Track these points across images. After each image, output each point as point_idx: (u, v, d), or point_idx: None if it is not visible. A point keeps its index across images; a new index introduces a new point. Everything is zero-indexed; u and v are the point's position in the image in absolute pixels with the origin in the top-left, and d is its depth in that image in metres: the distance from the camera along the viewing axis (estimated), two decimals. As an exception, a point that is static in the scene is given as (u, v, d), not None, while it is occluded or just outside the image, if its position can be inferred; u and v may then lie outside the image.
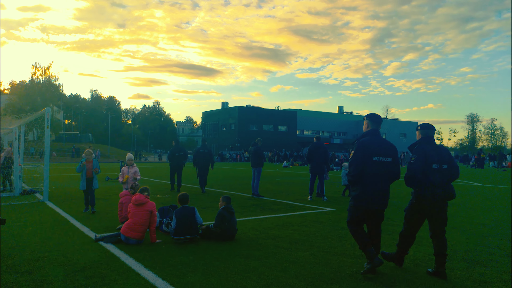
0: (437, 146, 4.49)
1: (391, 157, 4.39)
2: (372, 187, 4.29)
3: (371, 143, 4.37)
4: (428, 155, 4.31)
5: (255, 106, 75.55)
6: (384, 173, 4.35)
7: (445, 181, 4.39)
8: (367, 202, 4.31)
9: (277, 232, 6.55)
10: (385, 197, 4.41)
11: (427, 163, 4.28)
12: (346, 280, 4.14)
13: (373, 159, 4.29)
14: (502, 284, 4.04)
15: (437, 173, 4.29)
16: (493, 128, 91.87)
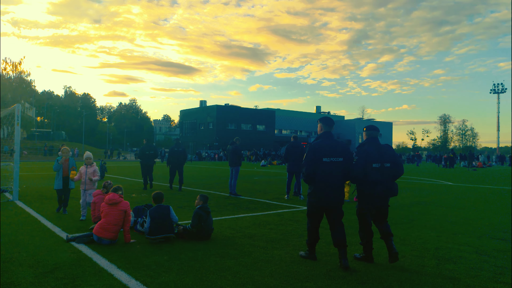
0: (380, 146, 4.83)
1: (342, 157, 4.67)
2: (324, 185, 4.60)
3: (322, 145, 4.68)
4: (369, 155, 4.69)
5: (234, 105, 75.41)
6: (335, 172, 4.62)
7: (386, 179, 4.73)
8: (319, 199, 4.64)
9: (254, 231, 6.55)
10: (337, 195, 4.68)
11: (367, 163, 4.65)
12: (320, 278, 4.18)
13: (323, 160, 4.60)
14: (470, 280, 4.17)
15: (377, 172, 4.66)
16: (464, 129, 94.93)
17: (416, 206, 9.98)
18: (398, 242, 5.85)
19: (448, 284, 4.03)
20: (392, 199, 11.32)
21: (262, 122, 73.95)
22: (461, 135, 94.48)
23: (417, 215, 8.51)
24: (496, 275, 4.34)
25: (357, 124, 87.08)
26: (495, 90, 72.10)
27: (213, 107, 70.71)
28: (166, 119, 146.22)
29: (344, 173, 4.69)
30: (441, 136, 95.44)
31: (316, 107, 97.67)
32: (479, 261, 4.92)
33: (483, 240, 6.12)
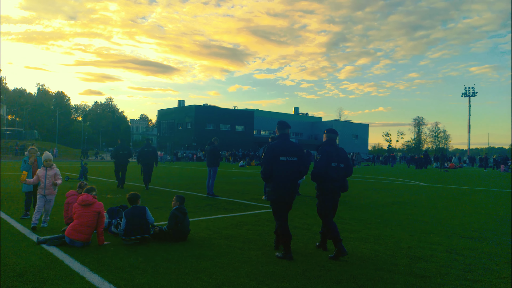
0: (337, 148, 5.35)
1: (296, 157, 5.08)
2: (281, 182, 4.99)
3: (278, 146, 5.08)
4: (330, 155, 5.19)
5: (213, 105, 75.07)
6: (290, 170, 5.03)
7: (341, 177, 5.26)
8: (279, 195, 5.02)
9: (231, 231, 6.53)
10: (292, 191, 5.09)
11: (328, 162, 5.15)
12: (296, 277, 4.21)
13: (280, 159, 4.99)
14: (440, 278, 4.29)
15: (335, 170, 5.18)
16: (437, 131, 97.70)
17: (390, 206, 10.20)
18: (372, 242, 5.96)
19: (420, 282, 4.13)
20: (367, 200, 11.51)
21: (241, 123, 73.89)
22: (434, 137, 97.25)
23: (391, 214, 8.70)
24: (465, 273, 4.49)
25: (334, 125, 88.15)
26: (467, 94, 74.57)
27: (192, 107, 70.16)
28: (144, 118, 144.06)
29: (298, 171, 5.10)
30: (415, 137, 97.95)
31: (294, 108, 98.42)
32: (449, 259, 5.07)
33: (453, 239, 6.31)
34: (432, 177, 24.06)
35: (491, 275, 4.43)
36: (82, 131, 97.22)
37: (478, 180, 21.94)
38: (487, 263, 4.93)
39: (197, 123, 67.98)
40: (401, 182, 19.61)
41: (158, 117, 79.81)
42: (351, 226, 7.21)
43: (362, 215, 8.52)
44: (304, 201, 10.78)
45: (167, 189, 13.44)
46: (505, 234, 6.73)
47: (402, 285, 4.04)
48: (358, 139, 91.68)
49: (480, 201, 11.84)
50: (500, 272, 4.56)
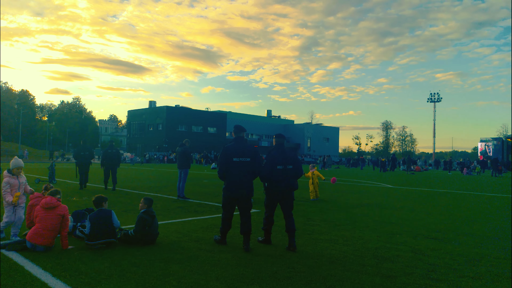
0: (284, 151, 5.82)
1: (249, 157, 5.60)
2: (235, 181, 5.52)
3: (233, 147, 5.61)
4: (275, 158, 5.68)
5: (185, 107, 74.33)
6: (244, 170, 5.55)
7: (289, 178, 5.72)
8: (232, 192, 5.56)
9: (201, 234, 6.46)
10: (246, 188, 5.58)
11: (273, 165, 5.63)
12: (266, 280, 4.21)
13: (233, 160, 5.52)
14: (406, 278, 4.41)
15: (280, 172, 5.65)
16: (404, 134, 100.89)
17: (359, 208, 10.41)
18: (341, 243, 6.05)
19: (386, 282, 4.23)
20: (337, 202, 11.70)
21: (214, 125, 73.53)
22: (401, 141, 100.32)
23: (360, 216, 8.88)
24: (428, 272, 4.63)
25: (306, 128, 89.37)
26: (432, 99, 77.37)
27: (163, 108, 69.16)
28: (113, 119, 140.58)
29: (252, 170, 5.61)
30: (383, 141, 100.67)
31: (267, 111, 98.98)
32: (414, 259, 5.22)
33: (418, 239, 6.51)
34: (399, 180, 24.77)
35: (453, 274, 4.59)
36: (48, 131, 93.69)
37: (442, 183, 22.80)
38: (449, 262, 5.11)
39: (168, 125, 67.06)
40: (369, 184, 20.08)
41: (128, 118, 78.14)
42: (321, 228, 7.30)
43: (332, 217, 8.65)
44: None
45: (136, 192, 13.16)
46: (467, 235, 7.01)
47: (369, 285, 4.12)
48: (329, 142, 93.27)
49: (444, 202, 12.29)
50: (462, 271, 4.74)
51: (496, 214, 9.86)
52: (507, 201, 13.17)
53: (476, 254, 5.59)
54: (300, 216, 8.63)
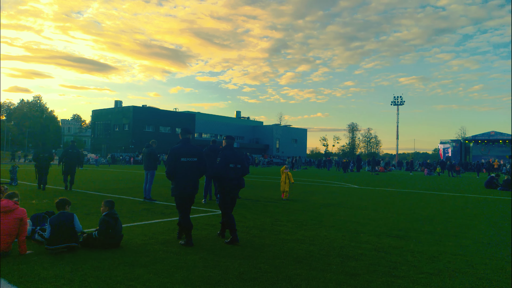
0: (235, 151, 6.31)
1: (196, 157, 5.95)
2: (183, 180, 5.81)
3: (180, 148, 5.91)
4: (227, 158, 6.11)
5: (152, 107, 72.94)
6: (191, 169, 5.87)
7: (239, 176, 6.20)
8: (181, 191, 5.83)
9: (167, 236, 6.37)
10: (193, 187, 5.92)
11: (226, 164, 6.07)
12: (232, 281, 4.21)
13: (181, 160, 5.81)
14: (369, 276, 4.54)
15: (232, 170, 6.11)
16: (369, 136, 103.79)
17: (325, 207, 10.61)
18: (308, 243, 6.15)
19: (350, 280, 4.34)
20: (304, 202, 11.84)
21: (182, 125, 72.54)
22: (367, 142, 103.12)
23: (326, 216, 9.05)
24: (390, 270, 4.79)
25: (275, 129, 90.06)
26: (395, 102, 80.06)
27: (130, 108, 67.58)
28: (76, 119, 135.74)
29: (197, 170, 5.95)
30: (350, 142, 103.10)
31: (236, 112, 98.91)
32: (377, 257, 5.38)
33: (381, 238, 6.71)
34: (364, 180, 25.45)
35: (413, 271, 4.77)
36: (6, 131, 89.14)
37: (404, 183, 23.63)
38: (410, 259, 5.31)
39: (135, 125, 65.60)
40: (336, 184, 20.51)
41: (92, 117, 75.73)
42: (288, 228, 7.38)
43: (299, 217, 8.76)
44: (243, 204, 10.83)
45: (100, 194, 12.77)
46: (427, 233, 7.30)
47: (333, 284, 4.21)
48: (297, 143, 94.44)
49: (406, 202, 12.75)
50: (421, 267, 4.93)
51: (454, 213, 10.33)
52: (465, 200, 13.84)
53: (436, 251, 5.84)
54: (267, 217, 8.69)
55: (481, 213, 10.27)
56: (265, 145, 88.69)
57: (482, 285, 4.29)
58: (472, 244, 6.41)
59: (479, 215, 9.86)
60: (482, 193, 16.88)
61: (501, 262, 5.29)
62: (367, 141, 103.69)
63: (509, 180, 19.20)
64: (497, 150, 67.00)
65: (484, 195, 15.89)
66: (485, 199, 14.42)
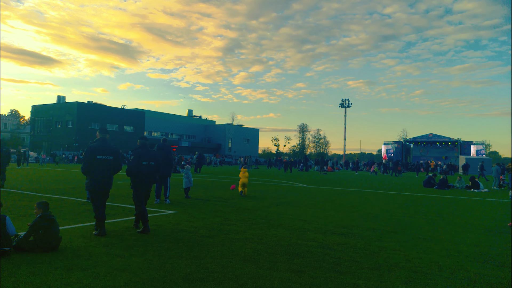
0: (149, 150, 6.96)
1: (112, 156, 6.44)
2: (98, 175, 6.28)
3: (97, 146, 6.35)
4: (141, 156, 6.77)
5: (99, 103, 69.77)
6: (106, 166, 6.36)
7: (152, 172, 6.88)
8: (94, 185, 6.30)
9: (111, 239, 6.11)
10: (107, 183, 6.42)
11: (139, 161, 6.71)
12: (178, 282, 4.12)
13: (97, 157, 6.26)
14: (313, 272, 4.66)
15: (145, 167, 6.77)
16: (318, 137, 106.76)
17: (274, 206, 10.76)
18: (256, 241, 6.18)
19: (295, 277, 4.42)
20: (254, 201, 11.91)
21: (131, 123, 70.29)
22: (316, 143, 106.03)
23: (275, 215, 9.18)
24: (334, 266, 4.95)
25: (227, 129, 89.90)
26: (343, 105, 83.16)
27: (74, 104, 64.24)
28: (14, 114, 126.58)
29: (112, 168, 6.46)
30: (300, 143, 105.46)
31: (188, 110, 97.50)
32: (322, 254, 5.54)
33: (327, 235, 6.92)
34: (313, 179, 26.16)
35: (355, 266, 4.96)
36: None
37: (350, 182, 24.59)
38: (353, 255, 5.52)
39: (79, 122, 62.47)
40: (286, 184, 20.87)
41: (32, 113, 70.99)
42: (237, 227, 7.38)
43: (249, 216, 8.80)
44: (193, 204, 10.69)
45: (39, 194, 11.99)
46: (369, 229, 7.64)
47: (279, 281, 4.26)
48: (249, 143, 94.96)
49: (351, 200, 13.27)
50: (363, 263, 5.14)
51: (394, 210, 10.91)
52: (404, 198, 14.67)
53: (376, 247, 6.12)
54: (217, 217, 8.64)
55: (419, 211, 10.94)
56: (217, 145, 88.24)
57: (417, 278, 4.56)
58: (410, 239, 6.80)
59: (416, 212, 10.50)
60: (420, 192, 18.01)
61: (436, 256, 5.67)
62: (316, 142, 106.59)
63: (445, 180, 20.65)
64: (435, 151, 71.87)
65: (422, 194, 16.96)
66: (423, 197, 15.39)
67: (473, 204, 13.35)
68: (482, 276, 4.71)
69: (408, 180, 29.87)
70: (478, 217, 10.04)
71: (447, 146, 71.24)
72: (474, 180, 20.03)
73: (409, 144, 74.73)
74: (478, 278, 4.64)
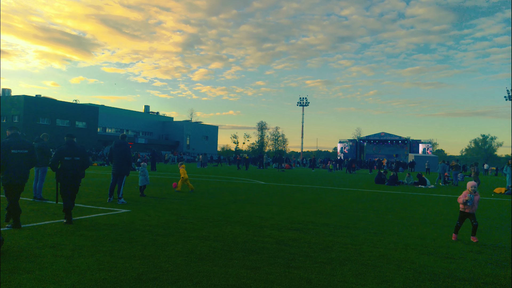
0: (74, 146, 7.47)
1: (27, 150, 6.70)
2: (14, 169, 6.46)
3: (10, 141, 6.59)
4: (63, 152, 7.31)
5: (48, 97, 66.17)
6: (21, 160, 6.57)
7: (77, 167, 7.40)
8: (11, 179, 6.45)
9: (59, 239, 5.82)
10: (23, 176, 6.60)
11: (61, 156, 7.28)
12: (130, 282, 4.01)
13: (12, 152, 6.47)
14: (268, 268, 4.71)
15: (69, 162, 7.30)
16: (277, 135, 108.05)
17: (232, 204, 10.76)
18: (212, 239, 6.15)
19: (250, 274, 4.45)
20: (212, 199, 11.82)
21: (83, 119, 67.31)
22: (275, 140, 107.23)
23: (232, 212, 9.17)
24: (289, 261, 5.03)
25: (185, 126, 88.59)
26: (301, 103, 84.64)
27: (20, 97, 60.44)
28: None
29: (28, 162, 6.69)
30: (259, 140, 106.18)
31: (144, 106, 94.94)
32: (278, 250, 5.61)
33: (282, 231, 7.02)
34: (271, 177, 26.44)
35: (309, 261, 5.08)
36: None
37: (307, 179, 25.12)
38: (307, 251, 5.64)
39: (26, 117, 58.94)
40: (244, 181, 20.93)
41: (-27, 107, 65.95)
42: (194, 225, 7.30)
43: (205, 214, 8.73)
44: (148, 203, 10.44)
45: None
46: (323, 225, 7.84)
47: (234, 278, 4.27)
48: (208, 140, 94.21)
49: (307, 197, 13.55)
50: (316, 257, 5.27)
51: (348, 205, 11.29)
52: (357, 194, 15.22)
53: (330, 241, 6.30)
54: (173, 215, 8.50)
55: (370, 206, 11.39)
56: (175, 142, 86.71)
57: (367, 271, 4.74)
58: (361, 234, 7.06)
59: (368, 208, 10.93)
60: (372, 188, 18.76)
61: (384, 249, 5.92)
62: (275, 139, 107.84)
63: (395, 176, 21.65)
64: (386, 149, 75.15)
65: (373, 190, 17.68)
66: (374, 193, 16.04)
67: (420, 199, 14.10)
68: (427, 267, 4.98)
69: (361, 177, 30.99)
70: (424, 211, 10.62)
71: (398, 144, 74.75)
72: (422, 177, 21.17)
73: (363, 142, 77.56)
74: (423, 269, 4.91)
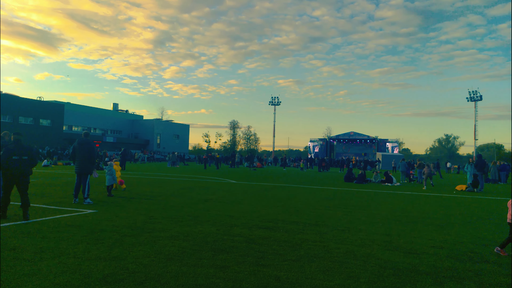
0: (21, 145, 7.54)
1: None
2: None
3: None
4: (11, 151, 7.39)
5: (10, 94, 63.28)
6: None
7: (24, 166, 7.51)
8: None
9: (19, 242, 5.58)
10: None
11: (9, 155, 7.34)
12: (95, 284, 3.90)
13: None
14: (238, 267, 4.70)
15: (17, 161, 7.41)
16: (249, 134, 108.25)
17: (202, 203, 10.68)
18: (182, 239, 6.08)
19: (219, 273, 4.43)
20: (182, 198, 11.71)
21: (48, 116, 64.82)
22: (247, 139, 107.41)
23: (202, 211, 9.11)
24: (258, 259, 5.05)
25: (156, 124, 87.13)
26: (273, 103, 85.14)
27: (-21, 93, 57.43)
28: None
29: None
30: (231, 139, 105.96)
31: (113, 104, 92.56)
32: (247, 248, 5.62)
33: (252, 230, 7.04)
34: (242, 175, 26.45)
35: (278, 259, 5.12)
36: None
37: (278, 178, 25.31)
38: (276, 248, 5.69)
39: (-14, 114, 56.07)
40: (215, 180, 20.83)
41: None
42: (163, 225, 7.20)
43: (175, 214, 8.63)
44: (116, 203, 10.20)
45: None
46: (293, 223, 7.93)
47: (203, 277, 4.24)
48: (179, 139, 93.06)
49: (278, 195, 13.66)
50: (285, 255, 5.32)
51: (317, 204, 11.46)
52: (327, 192, 15.48)
53: (299, 239, 6.37)
54: (141, 215, 8.34)
55: (339, 204, 11.62)
56: (145, 140, 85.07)
57: (335, 267, 4.83)
58: (329, 231, 7.19)
59: (337, 205, 11.14)
60: (341, 186, 19.14)
61: (352, 246, 6.06)
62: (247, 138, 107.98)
63: (363, 174, 22.19)
64: (355, 148, 76.89)
65: (342, 188, 18.04)
66: (343, 191, 16.37)
67: (386, 197, 14.53)
68: (392, 263, 5.14)
69: (331, 175, 31.56)
70: (390, 208, 10.94)
71: (366, 143, 76.63)
72: (388, 175, 21.81)
73: (333, 141, 78.94)
74: (387, 264, 5.06)
